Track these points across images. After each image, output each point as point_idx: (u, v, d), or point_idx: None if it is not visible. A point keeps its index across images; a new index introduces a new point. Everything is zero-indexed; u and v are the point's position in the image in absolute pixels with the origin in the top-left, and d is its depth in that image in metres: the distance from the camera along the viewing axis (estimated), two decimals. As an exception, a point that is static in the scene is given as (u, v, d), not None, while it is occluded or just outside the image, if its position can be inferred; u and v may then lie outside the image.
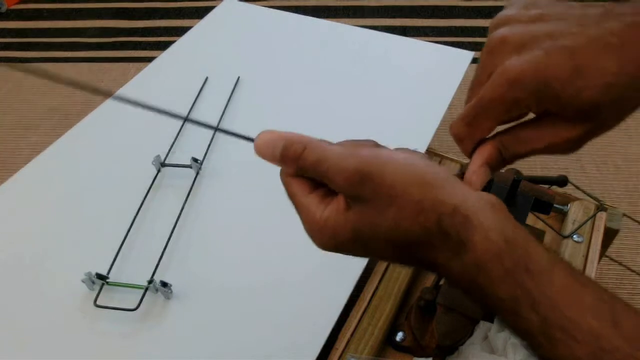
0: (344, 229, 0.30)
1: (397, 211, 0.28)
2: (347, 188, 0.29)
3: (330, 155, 0.30)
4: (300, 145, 0.31)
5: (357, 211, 0.29)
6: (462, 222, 0.27)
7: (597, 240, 0.69)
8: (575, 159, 1.40)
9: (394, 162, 0.29)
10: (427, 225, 0.28)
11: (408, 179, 0.28)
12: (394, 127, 0.81)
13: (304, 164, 0.31)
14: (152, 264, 0.62)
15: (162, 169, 0.75)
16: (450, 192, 0.28)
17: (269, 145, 0.32)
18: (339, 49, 0.99)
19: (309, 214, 0.31)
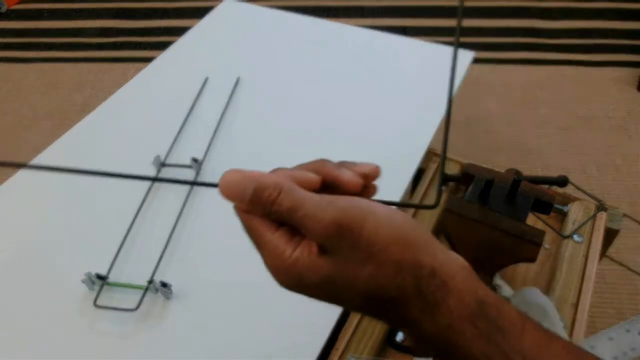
0: (315, 275, 0.29)
1: (374, 268, 0.28)
2: (324, 239, 0.28)
3: (308, 201, 0.29)
4: (274, 190, 0.29)
5: (332, 260, 0.28)
6: (438, 285, 0.28)
7: (597, 240, 0.69)
8: (576, 159, 1.40)
9: (375, 217, 0.28)
10: (404, 285, 0.28)
11: (389, 236, 0.28)
12: (393, 127, 0.81)
13: (278, 210, 0.29)
14: (152, 264, 0.62)
15: (162, 169, 0.75)
16: (430, 253, 0.28)
17: (237, 187, 0.30)
18: (339, 49, 0.98)
19: (275, 251, 0.29)
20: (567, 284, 0.64)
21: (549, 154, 1.42)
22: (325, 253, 0.29)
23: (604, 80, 1.65)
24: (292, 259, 0.29)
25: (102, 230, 0.68)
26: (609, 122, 1.51)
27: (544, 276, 0.68)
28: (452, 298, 0.27)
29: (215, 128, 0.81)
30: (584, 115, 1.53)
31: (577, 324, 0.60)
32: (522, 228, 0.57)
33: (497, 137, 1.47)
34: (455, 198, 0.60)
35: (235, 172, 0.31)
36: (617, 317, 1.07)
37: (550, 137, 1.47)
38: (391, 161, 0.77)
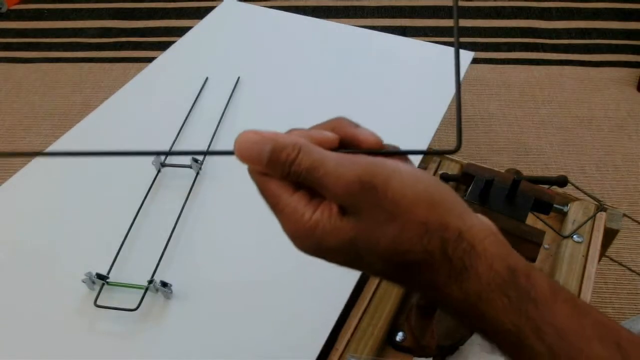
0: (336, 237, 0.27)
1: (399, 229, 0.26)
2: (346, 197, 0.27)
3: (328, 160, 0.27)
4: (292, 149, 0.27)
5: (353, 221, 0.27)
6: (466, 249, 0.26)
7: (597, 240, 0.69)
8: (576, 159, 1.40)
9: (400, 175, 0.27)
10: (429, 248, 0.26)
11: (414, 196, 0.27)
12: (394, 127, 0.81)
13: (297, 169, 0.27)
14: (152, 264, 0.62)
15: (162, 169, 0.75)
16: (457, 215, 0.27)
17: (253, 148, 0.28)
18: (339, 49, 0.99)
19: (294, 215, 0.28)
20: (567, 284, 0.64)
21: (549, 154, 1.42)
22: (346, 214, 0.27)
23: (604, 80, 1.65)
24: (312, 222, 0.27)
25: (103, 230, 0.68)
26: (609, 122, 1.51)
27: (544, 276, 0.68)
28: (482, 264, 0.26)
29: (216, 128, 0.82)
30: (584, 115, 1.53)
31: (577, 323, 0.60)
32: (522, 228, 0.57)
33: (497, 137, 1.47)
34: (455, 198, 0.60)
35: (251, 133, 0.28)
36: (617, 317, 1.07)
37: (550, 137, 1.47)
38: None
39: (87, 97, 1.66)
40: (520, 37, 1.84)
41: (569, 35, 1.84)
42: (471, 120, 1.52)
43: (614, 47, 1.79)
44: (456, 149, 0.31)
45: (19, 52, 1.87)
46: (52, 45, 1.89)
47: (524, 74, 1.69)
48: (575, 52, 1.77)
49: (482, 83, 1.64)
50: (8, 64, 1.81)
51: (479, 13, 1.96)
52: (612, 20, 1.90)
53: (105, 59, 1.82)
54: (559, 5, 1.97)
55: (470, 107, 1.55)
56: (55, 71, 1.77)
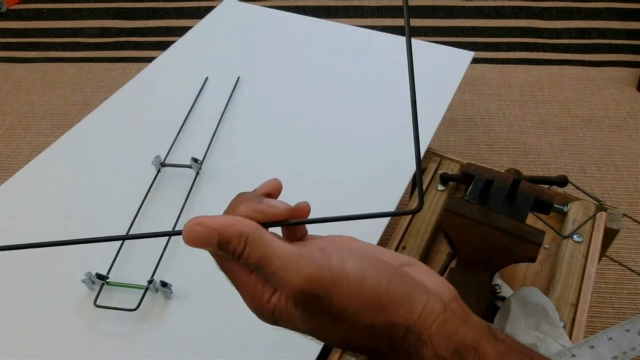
0: (292, 323, 0.29)
1: (347, 330, 0.27)
2: (294, 300, 0.28)
3: (274, 258, 0.27)
4: (239, 243, 0.27)
5: (306, 317, 0.28)
6: (412, 342, 0.27)
7: (597, 240, 0.69)
8: (576, 159, 1.40)
9: (347, 281, 0.27)
10: (376, 346, 0.28)
11: (360, 302, 0.27)
12: (393, 127, 0.82)
13: (246, 263, 0.28)
14: (152, 264, 0.62)
15: (162, 169, 0.75)
16: (406, 309, 0.27)
17: (201, 241, 0.28)
18: (338, 49, 0.99)
19: (254, 295, 0.29)
20: (566, 284, 0.64)
21: (549, 154, 1.42)
22: (299, 309, 0.28)
23: (604, 80, 1.65)
24: (271, 305, 0.29)
25: (102, 230, 0.68)
26: (609, 122, 1.51)
27: (544, 276, 0.68)
28: (428, 350, 0.27)
29: (215, 128, 0.81)
30: (584, 115, 1.53)
31: (576, 323, 0.60)
32: (522, 228, 0.57)
33: (497, 137, 1.47)
34: (455, 198, 0.60)
35: (195, 224, 0.28)
36: (617, 317, 1.07)
37: (550, 137, 1.47)
38: (391, 161, 0.77)
39: (87, 97, 1.66)
40: (520, 37, 1.84)
41: (569, 35, 1.84)
42: (471, 120, 1.51)
43: (614, 47, 1.79)
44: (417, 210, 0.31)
45: (19, 52, 1.86)
46: (52, 45, 1.89)
47: (524, 73, 1.69)
48: (575, 52, 1.77)
49: (482, 83, 1.64)
50: (8, 63, 1.81)
51: (479, 13, 1.96)
52: (612, 20, 1.90)
53: (105, 59, 1.82)
54: (559, 5, 1.97)
55: (470, 107, 1.55)
56: (55, 71, 1.77)
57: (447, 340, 0.27)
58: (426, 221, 0.72)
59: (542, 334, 0.54)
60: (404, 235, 0.70)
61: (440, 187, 0.77)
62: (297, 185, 0.70)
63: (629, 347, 0.50)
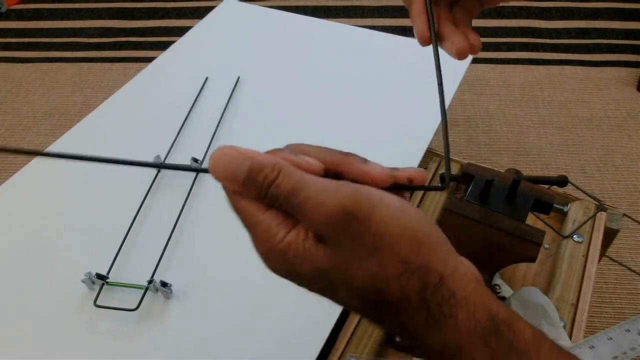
0: (309, 263, 0.25)
1: (377, 265, 0.25)
2: (326, 227, 0.25)
3: (310, 184, 0.25)
4: (272, 171, 0.25)
5: (330, 251, 0.25)
6: (445, 296, 0.25)
7: (597, 240, 0.69)
8: (576, 159, 1.40)
9: (386, 208, 0.25)
10: (406, 289, 0.25)
11: (398, 232, 0.25)
12: (394, 127, 0.82)
13: (276, 192, 0.25)
14: (152, 264, 0.62)
15: (162, 168, 0.75)
16: (440, 257, 0.26)
17: (229, 165, 0.25)
18: (339, 49, 0.99)
19: (267, 234, 0.26)
20: (566, 284, 0.64)
21: (549, 154, 1.42)
22: (322, 242, 0.25)
23: (604, 80, 1.65)
24: (285, 243, 0.25)
25: (102, 230, 0.68)
26: (609, 122, 1.51)
27: (544, 276, 0.68)
28: (462, 311, 0.25)
29: (215, 128, 0.81)
30: (584, 115, 1.53)
31: (576, 323, 0.60)
32: (522, 228, 0.57)
33: (497, 137, 1.47)
34: (455, 198, 0.60)
35: (227, 149, 0.26)
36: (617, 317, 1.07)
37: (550, 137, 1.47)
38: (391, 161, 0.77)
39: (87, 97, 1.66)
40: (520, 37, 1.84)
41: (569, 35, 1.84)
42: (471, 120, 1.51)
43: (614, 47, 1.79)
44: (443, 187, 0.31)
45: (19, 52, 1.86)
46: (52, 45, 1.89)
47: (524, 73, 1.69)
48: (575, 52, 1.77)
49: (482, 83, 1.64)
50: (8, 63, 1.81)
51: (479, 13, 1.96)
52: (612, 20, 1.90)
53: (105, 59, 1.82)
54: (559, 5, 1.97)
55: (470, 107, 1.55)
56: (55, 71, 1.77)
57: (482, 307, 0.25)
58: (426, 221, 0.72)
59: (542, 334, 0.54)
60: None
61: (440, 187, 0.77)
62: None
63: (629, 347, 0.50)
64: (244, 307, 0.60)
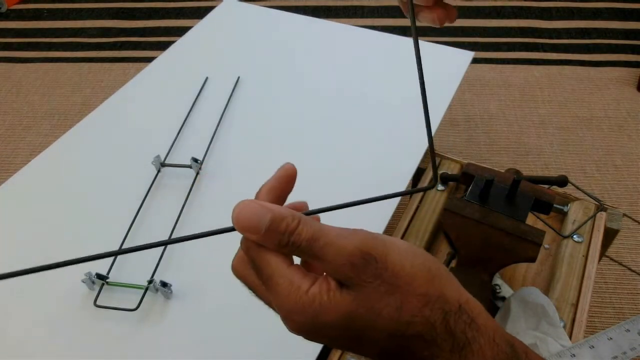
0: (334, 311, 0.26)
1: (401, 299, 0.26)
2: (347, 269, 0.26)
3: (329, 230, 0.27)
4: (292, 220, 0.27)
5: (353, 294, 0.26)
6: (467, 322, 0.26)
7: (597, 240, 0.69)
8: (576, 159, 1.40)
9: (398, 248, 0.27)
10: (432, 320, 0.26)
11: (413, 269, 0.27)
12: (394, 126, 0.82)
13: (297, 240, 0.26)
14: (152, 264, 0.62)
15: (162, 169, 0.75)
16: (454, 287, 0.27)
17: (253, 217, 0.27)
18: (339, 49, 0.99)
19: (290, 287, 0.27)
20: (566, 284, 0.64)
21: (549, 154, 1.42)
22: (345, 287, 0.26)
23: (604, 80, 1.65)
24: (310, 295, 0.26)
25: (102, 230, 0.68)
26: (609, 122, 1.50)
27: (544, 276, 0.68)
28: (483, 337, 0.26)
29: (215, 128, 0.81)
30: (584, 115, 1.53)
31: (576, 323, 0.60)
32: (522, 228, 0.57)
33: (497, 137, 1.47)
34: (455, 198, 0.60)
35: (250, 201, 0.28)
36: (617, 317, 1.07)
37: (550, 137, 1.46)
38: (391, 161, 0.77)
39: (87, 97, 1.66)
40: (520, 37, 1.84)
41: (569, 35, 1.84)
42: (471, 120, 1.51)
43: (614, 47, 1.78)
44: (432, 186, 0.31)
45: (19, 52, 1.86)
46: (52, 45, 1.89)
47: (524, 73, 1.68)
48: (575, 52, 1.77)
49: (482, 83, 1.64)
50: (8, 63, 1.81)
51: (479, 13, 1.96)
52: (612, 20, 1.90)
53: (105, 59, 1.82)
54: (559, 5, 1.97)
55: (470, 107, 1.55)
56: (55, 71, 1.77)
57: (499, 333, 0.26)
58: (426, 221, 0.72)
59: (542, 334, 0.54)
60: (404, 235, 0.70)
61: (440, 187, 0.77)
62: (299, 185, 0.70)
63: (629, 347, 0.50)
64: (244, 307, 0.60)
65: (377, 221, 0.66)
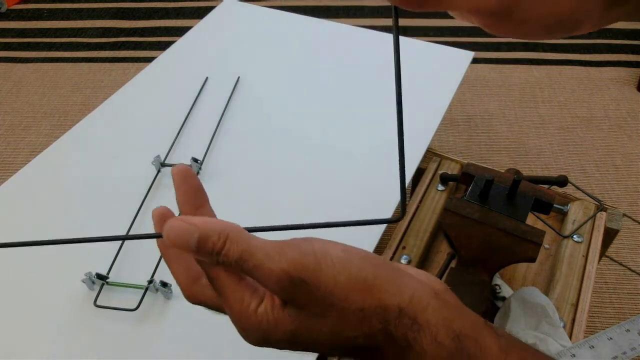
0: (279, 330, 0.26)
1: (337, 318, 0.26)
2: (280, 292, 0.26)
3: (256, 251, 0.26)
4: (219, 239, 0.26)
5: (294, 314, 0.26)
6: (407, 324, 0.25)
7: (597, 240, 0.69)
8: (576, 159, 1.40)
9: (331, 262, 0.26)
10: (371, 332, 0.26)
11: (347, 282, 0.26)
12: (393, 126, 0.81)
13: (226, 260, 0.26)
14: (152, 264, 0.62)
15: (162, 169, 0.75)
16: (394, 291, 0.26)
17: (180, 237, 0.26)
18: (339, 49, 0.99)
19: (241, 306, 0.27)
20: (566, 284, 0.64)
21: (549, 154, 1.42)
22: (287, 305, 0.26)
23: (604, 80, 1.65)
24: (258, 315, 0.27)
25: (103, 230, 0.68)
26: (609, 122, 1.51)
27: (544, 276, 0.68)
28: (425, 337, 0.25)
29: (215, 128, 0.81)
30: (584, 115, 1.53)
31: (576, 323, 0.60)
32: (522, 228, 0.57)
33: (497, 137, 1.47)
34: (455, 198, 0.60)
35: (175, 220, 0.27)
36: (617, 317, 1.07)
37: (550, 137, 1.47)
38: (391, 161, 0.77)
39: (87, 97, 1.66)
40: (520, 37, 1.84)
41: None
42: (471, 120, 1.51)
43: (614, 47, 1.79)
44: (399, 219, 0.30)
45: (19, 52, 1.86)
46: (52, 45, 1.89)
47: (524, 73, 1.69)
48: (575, 52, 1.77)
49: (482, 83, 1.64)
50: (8, 63, 1.81)
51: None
52: (612, 20, 1.90)
53: (105, 59, 1.82)
54: (559, 5, 1.97)
55: (470, 107, 1.55)
56: (55, 71, 1.77)
57: (445, 327, 0.25)
58: (426, 221, 0.72)
59: (542, 334, 0.54)
60: (404, 235, 0.70)
61: (440, 187, 0.77)
62: (299, 185, 0.70)
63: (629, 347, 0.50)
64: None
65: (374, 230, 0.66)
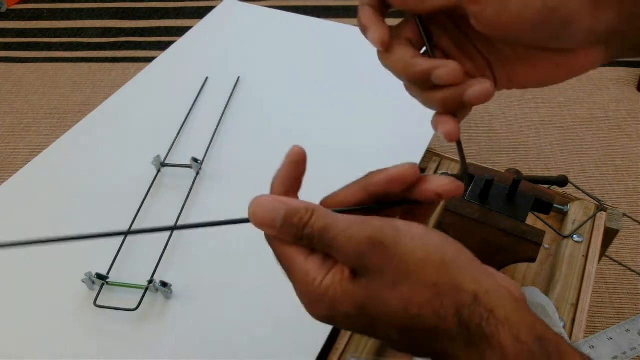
0: (346, 302, 0.27)
1: (409, 290, 0.25)
2: (356, 257, 0.26)
3: (339, 221, 0.27)
4: (306, 213, 0.28)
5: (363, 283, 0.26)
6: (483, 315, 0.24)
7: (597, 240, 0.69)
8: (576, 159, 1.40)
9: (411, 234, 0.26)
10: (442, 312, 0.25)
11: (424, 255, 0.26)
12: (394, 126, 0.81)
13: (310, 232, 0.27)
14: (152, 264, 0.62)
15: (162, 169, 0.75)
16: (471, 277, 0.25)
17: (268, 213, 0.28)
18: (339, 49, 0.99)
19: (307, 280, 0.28)
20: (566, 284, 0.64)
21: (549, 154, 1.42)
22: (357, 277, 0.27)
23: (604, 80, 1.65)
24: (323, 287, 0.27)
25: (103, 229, 0.68)
26: (609, 122, 1.50)
27: (544, 276, 0.68)
28: (506, 333, 0.24)
29: (215, 128, 0.81)
30: (584, 115, 1.53)
31: (576, 323, 0.60)
32: (522, 228, 0.57)
33: (497, 137, 1.47)
34: (455, 198, 0.60)
35: (265, 197, 0.29)
36: (617, 317, 1.07)
37: (550, 137, 1.47)
38: (391, 160, 0.77)
39: (87, 97, 1.66)
40: (520, 37, 1.84)
41: (569, 35, 1.84)
42: (471, 120, 1.51)
43: (614, 47, 1.78)
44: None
45: (19, 51, 1.86)
46: (52, 45, 1.89)
47: (524, 73, 1.68)
48: (575, 52, 1.77)
49: (482, 83, 1.64)
50: (8, 63, 1.81)
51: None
52: (612, 20, 1.90)
53: (105, 59, 1.82)
54: (559, 5, 1.97)
55: (470, 107, 1.55)
56: (55, 71, 1.77)
57: (527, 327, 0.24)
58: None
59: (542, 334, 0.54)
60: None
61: (440, 187, 0.77)
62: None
63: (629, 347, 0.50)
64: (244, 307, 0.60)
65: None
